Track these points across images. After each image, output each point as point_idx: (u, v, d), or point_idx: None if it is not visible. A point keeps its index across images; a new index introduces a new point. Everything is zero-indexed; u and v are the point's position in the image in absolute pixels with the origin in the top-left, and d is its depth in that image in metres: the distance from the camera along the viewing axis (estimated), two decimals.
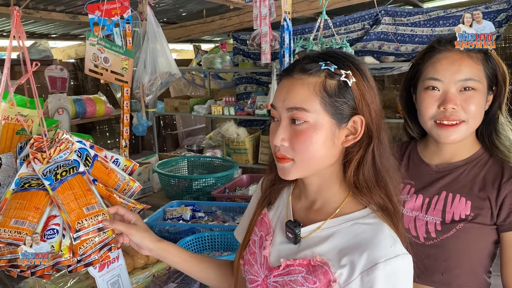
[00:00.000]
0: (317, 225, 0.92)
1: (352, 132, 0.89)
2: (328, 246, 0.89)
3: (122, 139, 2.63)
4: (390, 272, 0.82)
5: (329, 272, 0.86)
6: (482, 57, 1.13)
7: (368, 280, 0.82)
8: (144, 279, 1.71)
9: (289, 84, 0.89)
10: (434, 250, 1.17)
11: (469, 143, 1.19)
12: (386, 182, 0.90)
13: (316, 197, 0.96)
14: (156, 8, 4.13)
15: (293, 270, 0.90)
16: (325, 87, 0.87)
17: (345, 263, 0.85)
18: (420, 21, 4.13)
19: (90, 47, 2.32)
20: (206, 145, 5.18)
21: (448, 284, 1.18)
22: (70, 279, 1.64)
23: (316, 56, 0.91)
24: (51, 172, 1.16)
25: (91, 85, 6.40)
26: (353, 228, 0.88)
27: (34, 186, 1.16)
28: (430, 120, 1.16)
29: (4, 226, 1.09)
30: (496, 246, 1.16)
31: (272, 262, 0.95)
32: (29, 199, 1.14)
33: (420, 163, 1.26)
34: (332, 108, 0.87)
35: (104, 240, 1.16)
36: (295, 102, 0.87)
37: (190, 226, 2.06)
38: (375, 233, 0.86)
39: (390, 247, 0.84)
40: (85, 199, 1.13)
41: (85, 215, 1.11)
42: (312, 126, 0.87)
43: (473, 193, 1.15)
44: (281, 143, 0.89)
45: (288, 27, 2.38)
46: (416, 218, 1.20)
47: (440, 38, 1.18)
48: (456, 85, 1.11)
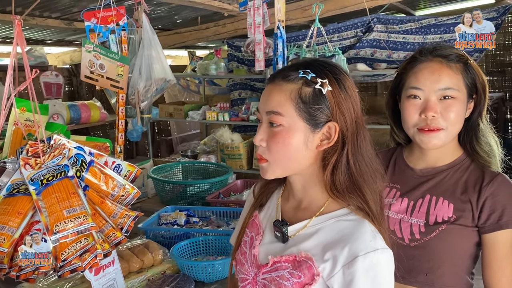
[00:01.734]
0: (303, 223, 0.97)
1: (327, 137, 0.94)
2: (313, 242, 0.93)
3: (117, 144, 2.65)
4: (370, 265, 0.86)
5: (313, 267, 0.90)
6: (461, 67, 1.18)
7: (349, 273, 0.87)
8: (139, 283, 1.73)
9: (270, 89, 0.96)
10: (418, 251, 1.21)
11: (452, 149, 1.24)
12: (361, 186, 0.94)
13: (302, 197, 1.01)
14: (152, 15, 4.17)
15: (280, 266, 0.94)
16: (300, 94, 0.92)
17: (328, 257, 0.89)
18: (412, 28, 4.20)
19: (86, 53, 2.35)
20: (200, 150, 5.20)
21: (431, 284, 1.22)
22: (66, 283, 1.66)
23: (299, 64, 0.97)
24: (39, 177, 1.17)
25: (86, 91, 6.41)
26: (337, 224, 0.93)
27: (21, 192, 1.18)
28: (413, 127, 1.20)
29: None
30: (478, 248, 1.20)
31: (261, 260, 1.00)
32: (14, 204, 1.16)
33: (405, 167, 1.30)
34: (306, 114, 0.92)
35: (85, 247, 1.16)
36: (272, 106, 0.94)
37: (184, 231, 2.08)
38: (356, 228, 0.91)
39: (369, 241, 0.88)
40: (67, 202, 1.14)
41: (64, 218, 1.11)
42: (286, 130, 0.93)
43: (456, 196, 1.19)
44: (260, 143, 0.96)
45: (281, 35, 2.42)
46: (401, 221, 1.24)
47: (422, 48, 1.23)
48: (436, 94, 1.16)
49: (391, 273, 0.90)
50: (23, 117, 1.33)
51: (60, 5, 3.73)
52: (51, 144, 1.26)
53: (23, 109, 1.32)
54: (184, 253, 1.90)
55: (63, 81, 4.93)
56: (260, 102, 0.99)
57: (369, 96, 6.10)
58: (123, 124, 2.66)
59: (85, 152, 1.30)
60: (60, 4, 3.67)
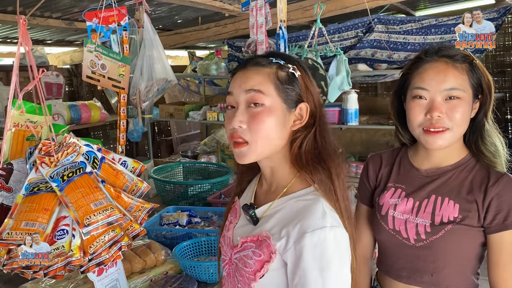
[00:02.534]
0: (268, 205, 1.04)
1: (299, 118, 1.03)
2: (273, 221, 1.00)
3: (119, 145, 2.65)
4: (317, 242, 0.91)
5: (271, 245, 0.97)
6: (467, 68, 1.17)
7: (298, 249, 0.92)
8: (142, 284, 1.72)
9: (243, 74, 1.02)
10: (424, 251, 1.21)
11: (457, 149, 1.24)
12: (325, 158, 1.01)
13: (272, 181, 1.08)
14: (152, 15, 4.16)
15: (246, 246, 1.02)
16: (277, 75, 1.00)
17: (284, 234, 0.96)
18: (412, 29, 4.19)
19: (88, 53, 2.35)
20: (201, 151, 5.20)
21: (437, 284, 1.22)
22: (68, 284, 1.66)
23: (265, 54, 1.06)
24: (58, 174, 1.19)
25: (86, 91, 6.41)
26: (295, 204, 0.99)
27: (42, 189, 1.20)
28: (418, 127, 1.20)
29: (16, 229, 1.13)
30: (483, 248, 1.20)
31: (234, 242, 1.08)
32: (38, 202, 1.18)
33: (410, 168, 1.30)
34: (284, 94, 1.00)
35: (113, 238, 1.20)
36: (253, 84, 0.99)
37: (186, 231, 2.08)
38: (309, 207, 0.96)
39: (319, 219, 0.93)
40: (92, 196, 1.18)
41: (93, 211, 1.15)
42: (267, 109, 0.98)
43: (461, 196, 1.19)
44: (239, 125, 0.99)
45: (283, 35, 2.42)
46: (406, 221, 1.24)
47: (428, 49, 1.23)
48: (442, 94, 1.16)
49: (341, 251, 0.94)
50: (23, 119, 1.33)
51: (61, 5, 3.72)
52: (62, 142, 1.28)
53: (22, 111, 1.32)
54: (186, 254, 1.90)
55: (64, 81, 4.92)
56: (231, 87, 1.02)
57: (370, 96, 6.10)
58: (125, 124, 2.66)
59: (94, 150, 1.31)
60: (61, 4, 3.66)
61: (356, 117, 4.03)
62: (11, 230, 1.15)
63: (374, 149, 4.46)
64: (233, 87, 1.02)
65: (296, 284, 0.93)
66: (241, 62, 1.11)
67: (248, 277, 0.99)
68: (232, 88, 1.02)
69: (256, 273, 0.98)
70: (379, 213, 1.29)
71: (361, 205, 1.41)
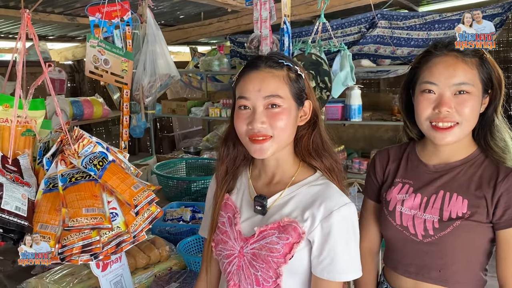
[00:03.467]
0: (278, 194, 1.13)
1: (303, 114, 1.14)
2: (291, 207, 1.10)
3: (122, 140, 2.65)
4: (343, 217, 1.05)
5: (298, 227, 1.06)
6: (477, 62, 1.16)
7: (327, 226, 1.04)
8: (146, 279, 1.72)
9: (258, 77, 1.08)
10: (432, 248, 1.20)
11: (466, 144, 1.22)
12: (328, 148, 1.16)
13: (275, 172, 1.16)
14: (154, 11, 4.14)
15: (266, 234, 1.09)
16: (289, 78, 1.10)
17: (307, 216, 1.06)
18: (415, 24, 4.17)
19: (91, 49, 2.34)
20: (203, 147, 5.19)
21: (445, 280, 1.21)
22: (73, 279, 1.66)
23: (274, 55, 1.13)
24: (89, 164, 1.25)
25: (88, 87, 6.41)
26: (309, 189, 1.11)
27: (80, 179, 1.24)
28: (426, 121, 1.19)
29: (79, 216, 1.17)
30: (492, 244, 1.19)
31: (246, 233, 1.13)
32: (84, 190, 1.22)
33: (418, 163, 1.29)
34: (295, 94, 1.10)
35: (151, 215, 1.28)
36: (271, 90, 1.07)
37: (190, 227, 2.07)
38: (326, 190, 1.09)
39: (339, 198, 1.07)
40: (129, 180, 1.25)
41: (135, 193, 1.22)
42: (285, 110, 1.08)
43: (470, 192, 1.18)
44: (261, 126, 1.06)
45: (287, 30, 2.40)
46: (414, 216, 1.23)
47: (437, 42, 1.21)
48: (451, 89, 1.15)
49: (357, 223, 1.09)
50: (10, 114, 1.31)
51: (63, 0, 3.71)
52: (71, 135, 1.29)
53: (6, 106, 1.30)
54: (190, 249, 1.90)
55: (66, 77, 4.92)
56: (248, 90, 1.08)
57: (372, 92, 6.09)
58: (128, 120, 2.65)
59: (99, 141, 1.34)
60: None
61: (359, 113, 4.02)
62: (75, 218, 1.17)
63: (377, 145, 4.45)
64: (248, 91, 1.07)
65: (324, 257, 1.04)
66: (249, 61, 1.14)
67: (276, 262, 1.06)
68: (247, 93, 1.08)
69: (286, 255, 1.06)
70: (387, 208, 1.28)
71: (368, 200, 1.40)
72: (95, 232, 1.20)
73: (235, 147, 1.19)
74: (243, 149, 1.17)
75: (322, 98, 3.02)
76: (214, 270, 1.27)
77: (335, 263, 1.04)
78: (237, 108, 1.10)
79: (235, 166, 1.21)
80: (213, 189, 1.26)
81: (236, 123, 1.10)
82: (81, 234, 1.19)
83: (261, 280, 1.09)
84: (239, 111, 1.10)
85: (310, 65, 2.98)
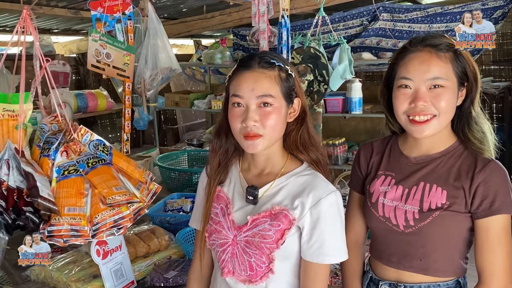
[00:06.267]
0: (269, 185, 1.20)
1: (292, 111, 1.20)
2: (281, 196, 1.17)
3: (124, 133, 2.69)
4: (330, 203, 1.13)
5: (288, 214, 1.14)
6: (451, 56, 1.19)
7: (315, 212, 1.12)
8: (146, 267, 1.78)
9: (251, 77, 1.14)
10: (412, 237, 1.23)
11: (445, 136, 1.26)
12: (316, 142, 1.23)
13: (265, 165, 1.23)
14: (157, 4, 4.18)
15: (259, 222, 1.16)
16: (280, 77, 1.16)
17: (297, 204, 1.14)
18: (417, 17, 4.17)
19: (93, 43, 2.38)
20: (206, 139, 5.23)
21: (426, 269, 1.24)
22: (74, 267, 1.71)
23: (266, 55, 1.19)
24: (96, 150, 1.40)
25: (93, 80, 6.46)
26: (297, 179, 1.18)
27: (72, 173, 1.33)
28: (403, 115, 1.22)
29: (113, 194, 1.31)
30: (471, 233, 1.22)
31: (239, 222, 1.20)
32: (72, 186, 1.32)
33: (400, 156, 1.32)
34: (286, 93, 1.17)
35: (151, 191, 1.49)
36: (264, 90, 1.13)
37: (190, 217, 2.11)
38: (314, 179, 1.17)
39: (326, 186, 1.15)
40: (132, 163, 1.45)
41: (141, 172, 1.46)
42: (276, 108, 1.14)
43: (449, 183, 1.21)
44: (254, 124, 1.12)
45: (286, 24, 2.43)
46: (396, 208, 1.26)
47: (413, 38, 1.24)
48: (426, 83, 1.18)
49: (342, 208, 1.17)
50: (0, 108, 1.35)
51: None
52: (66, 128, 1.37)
53: None
54: (189, 239, 1.95)
55: (70, 70, 4.96)
56: (242, 89, 1.13)
57: (374, 85, 6.09)
58: (130, 112, 2.69)
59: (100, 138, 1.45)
60: None
61: (360, 106, 4.04)
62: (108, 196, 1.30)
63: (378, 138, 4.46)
64: (242, 90, 1.13)
65: (314, 242, 1.12)
66: (243, 60, 1.19)
67: (269, 248, 1.13)
68: (241, 91, 1.13)
69: (278, 241, 1.13)
70: (370, 200, 1.32)
71: (353, 192, 1.43)
72: (124, 207, 1.31)
73: (228, 139, 1.25)
74: (234, 140, 1.22)
75: (320, 91, 3.04)
76: (207, 259, 1.32)
77: (323, 247, 1.12)
78: (231, 105, 1.16)
79: (227, 158, 1.27)
80: (204, 182, 1.31)
81: (231, 120, 1.16)
82: (111, 211, 1.30)
83: (255, 265, 1.15)
84: (233, 108, 1.16)
85: (308, 58, 3.00)
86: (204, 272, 1.33)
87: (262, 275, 1.15)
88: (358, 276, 1.39)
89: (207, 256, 1.32)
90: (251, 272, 1.16)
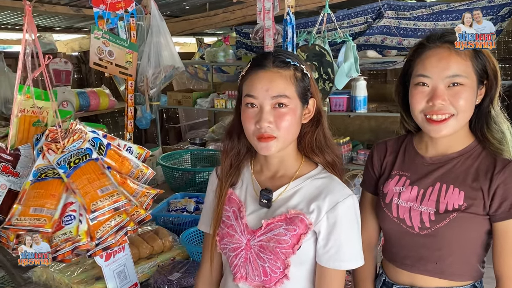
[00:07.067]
0: (283, 188, 1.16)
1: (307, 112, 1.16)
2: (296, 200, 1.13)
3: (126, 131, 2.66)
4: (348, 207, 1.09)
5: (305, 219, 1.10)
6: (470, 54, 1.14)
7: (332, 217, 1.08)
8: (149, 269, 1.74)
9: (266, 77, 1.10)
10: (428, 240, 1.20)
11: (463, 136, 1.22)
12: (331, 144, 1.20)
13: (278, 168, 1.19)
14: (160, 2, 4.14)
15: (274, 226, 1.12)
16: (296, 77, 1.12)
17: (313, 208, 1.10)
18: (423, 15, 4.13)
19: (95, 40, 2.34)
20: (209, 138, 5.20)
21: (441, 272, 1.21)
22: (77, 269, 1.68)
23: (281, 53, 1.14)
24: (65, 161, 1.21)
25: (95, 78, 6.43)
26: (313, 183, 1.14)
27: (50, 176, 1.22)
28: (420, 114, 1.18)
29: (24, 215, 1.16)
30: (489, 236, 1.19)
31: (253, 226, 1.15)
32: (46, 188, 1.20)
33: (415, 155, 1.28)
34: (301, 93, 1.12)
35: (119, 223, 1.23)
36: (279, 91, 1.09)
37: (194, 218, 2.09)
38: (330, 182, 1.14)
39: (343, 190, 1.12)
40: (98, 182, 1.20)
41: (99, 197, 1.18)
42: (291, 109, 1.10)
43: (466, 184, 1.17)
44: (268, 125, 1.08)
45: (291, 21, 2.39)
46: (411, 209, 1.23)
47: (430, 35, 1.20)
48: (444, 81, 1.14)
49: (359, 212, 1.14)
50: (28, 104, 1.33)
51: None
52: (68, 129, 1.29)
53: (28, 96, 1.32)
54: (193, 240, 1.92)
55: (72, 68, 4.94)
56: (256, 90, 1.09)
57: (379, 83, 6.05)
58: (132, 111, 2.66)
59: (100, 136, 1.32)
60: None
61: (364, 104, 4.00)
62: (20, 216, 1.17)
63: (383, 137, 4.39)
64: (256, 91, 1.09)
65: (330, 247, 1.08)
66: (257, 59, 1.14)
67: (284, 253, 1.09)
68: (255, 92, 1.09)
69: (294, 246, 1.09)
70: (383, 201, 1.28)
71: (366, 193, 1.40)
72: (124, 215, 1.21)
73: (240, 140, 1.20)
74: (247, 141, 1.18)
75: (325, 90, 3.01)
76: (216, 263, 1.28)
77: (340, 252, 1.08)
78: (244, 105, 1.12)
79: (239, 160, 1.23)
80: (214, 183, 1.27)
81: (244, 122, 1.12)
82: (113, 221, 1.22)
83: (269, 271, 1.11)
84: (246, 108, 1.11)
85: (313, 56, 2.97)
86: (214, 276, 1.29)
87: (276, 281, 1.11)
88: (371, 279, 1.36)
89: (217, 260, 1.28)
90: (265, 277, 1.12)
